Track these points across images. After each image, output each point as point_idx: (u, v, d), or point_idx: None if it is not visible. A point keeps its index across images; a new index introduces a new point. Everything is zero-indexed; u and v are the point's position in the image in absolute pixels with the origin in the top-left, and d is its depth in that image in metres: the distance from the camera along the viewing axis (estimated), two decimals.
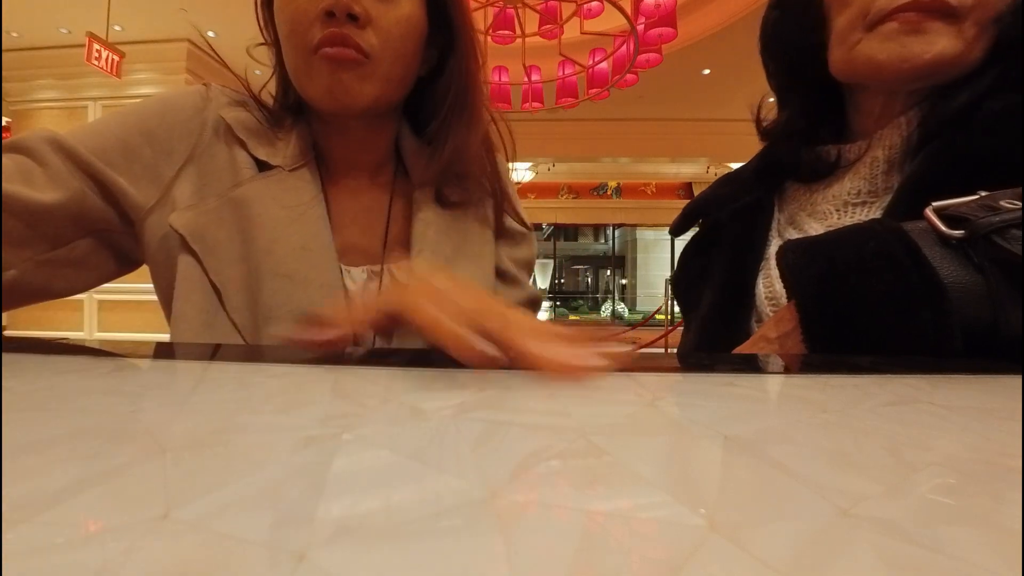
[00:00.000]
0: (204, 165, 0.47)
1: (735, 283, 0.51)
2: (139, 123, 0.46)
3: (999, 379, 0.25)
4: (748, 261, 0.51)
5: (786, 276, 0.37)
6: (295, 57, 0.46)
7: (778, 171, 0.57)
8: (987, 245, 0.31)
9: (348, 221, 0.50)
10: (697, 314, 0.55)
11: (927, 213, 0.34)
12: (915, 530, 0.11)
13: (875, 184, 0.47)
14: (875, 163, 0.47)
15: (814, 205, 0.51)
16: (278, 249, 0.45)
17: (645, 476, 0.13)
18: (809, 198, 0.53)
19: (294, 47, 0.46)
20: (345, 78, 0.44)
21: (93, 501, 0.12)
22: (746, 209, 0.56)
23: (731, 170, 0.65)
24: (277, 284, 0.44)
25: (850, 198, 0.48)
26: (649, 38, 3.37)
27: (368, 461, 0.14)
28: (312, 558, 0.09)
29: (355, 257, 0.50)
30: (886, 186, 0.46)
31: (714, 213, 0.59)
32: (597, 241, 16.16)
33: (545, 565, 0.09)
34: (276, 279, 0.44)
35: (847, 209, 0.48)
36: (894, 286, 0.32)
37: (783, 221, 0.54)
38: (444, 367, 0.26)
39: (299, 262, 0.45)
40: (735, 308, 0.49)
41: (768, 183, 0.57)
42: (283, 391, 0.22)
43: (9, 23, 4.76)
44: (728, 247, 0.55)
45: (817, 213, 0.50)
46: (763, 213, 0.55)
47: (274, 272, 0.44)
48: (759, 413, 0.19)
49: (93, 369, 0.26)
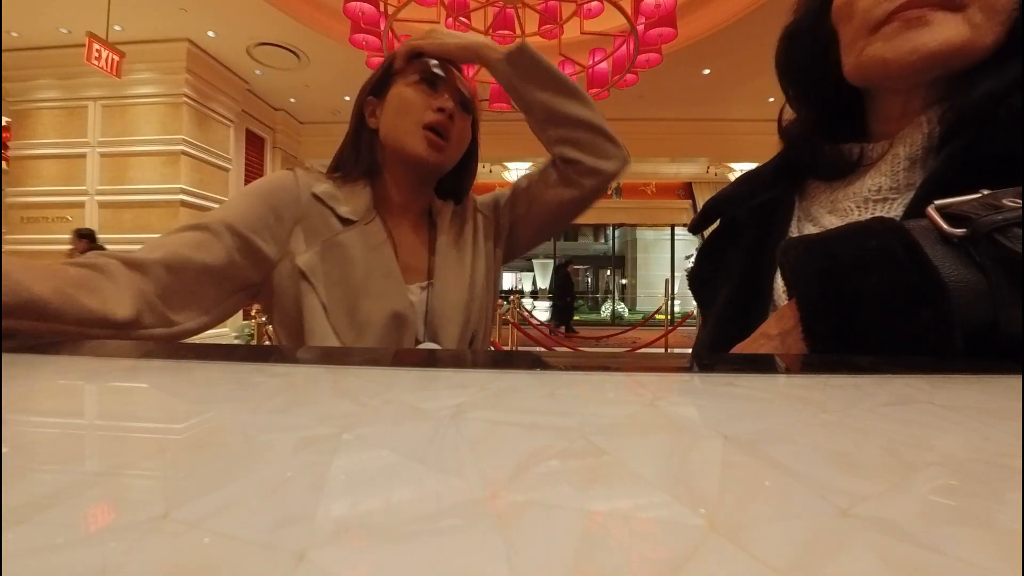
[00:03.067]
0: (306, 225, 0.67)
1: (752, 280, 0.51)
2: (262, 201, 0.65)
3: (999, 379, 0.25)
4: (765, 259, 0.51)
5: (787, 274, 0.37)
6: (407, 129, 0.70)
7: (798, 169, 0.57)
8: (989, 243, 0.31)
9: (401, 251, 0.72)
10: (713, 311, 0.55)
11: (929, 211, 0.34)
12: (915, 530, 0.11)
13: (897, 181, 0.47)
14: (896, 160, 0.47)
15: (835, 203, 0.51)
16: (371, 277, 0.66)
17: (645, 476, 0.13)
18: (830, 195, 0.53)
19: (408, 120, 0.70)
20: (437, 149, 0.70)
21: (93, 501, 0.12)
22: (765, 207, 0.56)
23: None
24: (371, 301, 0.64)
25: (871, 195, 0.48)
26: (649, 38, 3.37)
27: (368, 461, 0.14)
28: (312, 558, 0.09)
29: (410, 276, 0.71)
30: (908, 183, 0.46)
31: (732, 211, 0.59)
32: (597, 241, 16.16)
33: (545, 565, 0.09)
34: (370, 298, 0.65)
35: (868, 206, 0.48)
36: (895, 284, 0.32)
37: (803, 218, 0.54)
38: (444, 367, 0.26)
39: (384, 286, 0.66)
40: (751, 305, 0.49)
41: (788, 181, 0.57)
42: (283, 391, 0.22)
43: (9, 23, 4.76)
44: (746, 245, 0.55)
45: (838, 210, 0.50)
46: (782, 211, 0.55)
47: (368, 293, 0.65)
48: (759, 413, 0.19)
49: (93, 369, 0.26)
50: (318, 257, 0.65)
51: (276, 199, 0.66)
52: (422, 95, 0.71)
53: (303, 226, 0.66)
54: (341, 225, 0.68)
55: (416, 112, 0.70)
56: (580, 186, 0.76)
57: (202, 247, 0.59)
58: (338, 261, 0.65)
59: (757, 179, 0.61)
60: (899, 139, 0.48)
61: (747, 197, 0.59)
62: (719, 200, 0.62)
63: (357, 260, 0.66)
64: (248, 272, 0.63)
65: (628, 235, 13.13)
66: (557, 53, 3.67)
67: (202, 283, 0.59)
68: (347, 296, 0.64)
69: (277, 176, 0.70)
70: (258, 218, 0.64)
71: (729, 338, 0.43)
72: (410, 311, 0.67)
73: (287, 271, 0.65)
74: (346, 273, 0.65)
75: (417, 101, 0.70)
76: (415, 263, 0.73)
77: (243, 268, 0.62)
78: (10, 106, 5.33)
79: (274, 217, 0.65)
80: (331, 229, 0.67)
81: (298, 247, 0.65)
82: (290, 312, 0.65)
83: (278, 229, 0.65)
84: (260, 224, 0.63)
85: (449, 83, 0.73)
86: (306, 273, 0.64)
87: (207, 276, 0.59)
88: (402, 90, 0.72)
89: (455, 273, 0.73)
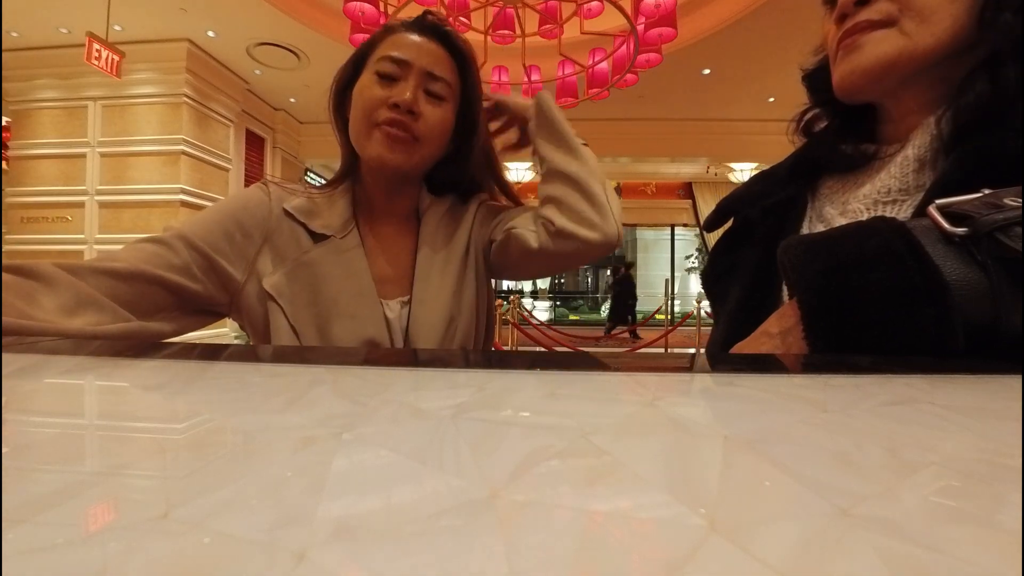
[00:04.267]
0: (274, 242, 0.64)
1: (762, 279, 0.52)
2: (230, 218, 0.63)
3: (999, 379, 0.25)
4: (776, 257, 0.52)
5: (787, 272, 0.37)
6: (361, 129, 0.65)
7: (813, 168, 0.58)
8: (990, 242, 0.31)
9: (382, 262, 0.68)
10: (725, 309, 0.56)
11: (930, 210, 0.34)
12: (915, 530, 0.11)
13: (906, 183, 0.47)
14: (906, 162, 0.47)
15: (845, 204, 0.52)
16: (342, 297, 0.62)
17: (645, 476, 0.13)
18: (842, 196, 0.53)
19: (363, 120, 0.64)
20: (398, 144, 0.64)
21: (93, 501, 0.12)
22: (778, 206, 0.57)
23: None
24: (344, 322, 0.62)
25: (880, 197, 0.48)
26: (649, 38, 3.37)
27: (368, 461, 0.14)
28: (312, 558, 0.09)
29: (390, 290, 0.67)
30: (917, 185, 0.46)
31: (746, 209, 0.60)
32: None
33: (545, 565, 0.09)
34: (343, 319, 0.62)
35: (877, 208, 0.48)
36: (896, 283, 0.32)
37: (814, 219, 0.54)
38: (444, 367, 0.26)
39: (357, 305, 0.63)
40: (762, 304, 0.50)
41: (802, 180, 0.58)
42: (283, 391, 0.22)
43: (9, 23, 4.75)
44: (758, 243, 0.55)
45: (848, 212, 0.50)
46: (795, 210, 0.55)
47: (340, 314, 0.62)
48: (759, 413, 0.19)
49: (94, 369, 0.26)
50: (285, 278, 0.62)
51: (245, 215, 0.63)
52: (377, 89, 0.64)
53: (271, 245, 0.63)
54: (313, 242, 0.64)
55: (370, 108, 0.64)
56: (554, 248, 0.66)
57: (154, 259, 0.57)
58: (308, 281, 0.62)
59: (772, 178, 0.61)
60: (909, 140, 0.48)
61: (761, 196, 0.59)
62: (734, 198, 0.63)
63: (328, 279, 0.63)
64: (212, 291, 0.61)
65: (628, 235, 13.13)
66: (557, 53, 3.67)
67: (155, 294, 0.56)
68: (318, 317, 0.61)
69: (248, 192, 0.67)
70: (223, 236, 0.61)
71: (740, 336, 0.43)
72: (384, 333, 0.63)
73: (255, 292, 0.62)
74: (316, 294, 0.62)
75: (371, 97, 0.64)
76: (396, 274, 0.68)
77: (205, 285, 0.60)
78: (10, 106, 5.32)
79: (241, 235, 0.62)
80: (301, 247, 0.64)
81: (265, 267, 0.62)
82: (262, 333, 0.63)
83: (246, 247, 0.62)
84: (224, 242, 0.61)
85: (414, 70, 0.64)
86: (274, 295, 0.61)
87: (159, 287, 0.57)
88: (361, 84, 0.66)
89: (437, 287, 0.67)
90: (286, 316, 0.60)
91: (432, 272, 0.68)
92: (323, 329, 0.61)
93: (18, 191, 5.34)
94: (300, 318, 0.61)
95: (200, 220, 0.62)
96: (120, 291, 0.54)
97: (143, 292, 0.55)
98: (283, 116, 7.11)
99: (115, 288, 0.53)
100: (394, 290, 0.67)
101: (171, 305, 0.58)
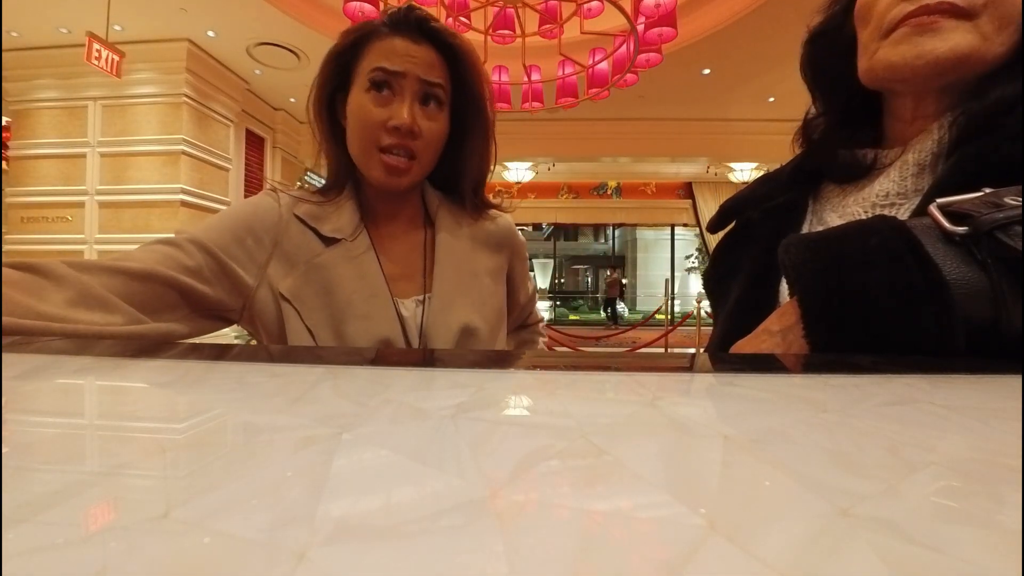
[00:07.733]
0: (285, 247, 0.64)
1: (761, 280, 0.52)
2: (241, 223, 0.63)
3: (999, 379, 0.25)
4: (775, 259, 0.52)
5: (788, 271, 0.37)
6: (363, 150, 0.64)
7: (814, 172, 0.57)
8: (990, 242, 0.31)
9: (394, 262, 0.69)
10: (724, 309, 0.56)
11: (930, 209, 0.34)
12: (915, 530, 0.11)
13: (905, 187, 0.47)
14: (905, 166, 0.47)
15: (845, 207, 0.52)
16: (355, 299, 0.63)
17: (645, 476, 0.13)
18: (842, 200, 0.53)
19: (363, 141, 0.64)
20: (397, 174, 0.64)
21: (93, 501, 0.12)
22: (779, 209, 0.57)
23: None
24: (358, 323, 0.62)
25: (879, 200, 0.48)
26: (649, 38, 3.37)
27: (368, 461, 0.14)
28: (312, 558, 0.09)
29: (402, 288, 0.68)
30: (916, 188, 0.46)
31: (748, 211, 0.60)
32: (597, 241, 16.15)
33: (545, 565, 0.09)
34: (357, 320, 0.62)
35: (875, 211, 0.48)
36: (896, 282, 0.32)
37: (815, 222, 0.54)
38: (444, 367, 0.26)
39: (371, 306, 0.63)
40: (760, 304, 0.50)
41: (803, 184, 0.58)
42: (283, 391, 0.22)
43: (9, 23, 4.75)
44: (758, 245, 0.55)
45: (846, 215, 0.50)
46: (796, 213, 0.55)
47: (355, 315, 0.62)
48: (759, 413, 0.19)
49: (94, 369, 0.26)
50: (301, 280, 0.63)
51: (256, 221, 0.64)
52: (373, 109, 0.63)
53: (282, 250, 0.64)
54: (324, 245, 0.65)
55: (370, 131, 0.63)
56: None
57: (167, 260, 0.57)
58: (321, 284, 0.63)
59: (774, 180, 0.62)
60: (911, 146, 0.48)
61: (764, 199, 0.59)
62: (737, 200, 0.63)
63: (341, 282, 0.63)
64: (222, 295, 0.61)
65: (628, 235, 13.13)
66: (557, 53, 3.67)
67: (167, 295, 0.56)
68: (333, 319, 0.62)
69: (257, 199, 0.68)
70: (234, 241, 0.62)
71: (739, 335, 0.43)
72: (399, 332, 0.64)
73: (268, 296, 0.63)
74: (330, 296, 0.63)
75: (369, 120, 0.63)
76: (410, 272, 0.69)
77: (216, 289, 0.60)
78: (10, 106, 5.32)
79: (252, 240, 0.63)
80: (313, 251, 0.64)
81: (277, 272, 0.63)
82: (276, 337, 0.63)
83: (257, 252, 0.63)
84: (236, 247, 0.61)
85: (409, 81, 0.62)
86: (289, 298, 0.62)
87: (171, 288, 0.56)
88: (357, 98, 0.64)
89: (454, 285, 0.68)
90: (302, 319, 0.61)
91: (449, 271, 0.68)
92: (338, 330, 0.62)
93: (18, 191, 5.34)
94: (315, 320, 0.62)
95: (211, 225, 0.63)
96: (133, 290, 0.54)
97: (156, 292, 0.56)
98: (283, 116, 7.11)
99: (128, 287, 0.53)
100: (409, 288, 0.68)
101: (182, 307, 0.59)
